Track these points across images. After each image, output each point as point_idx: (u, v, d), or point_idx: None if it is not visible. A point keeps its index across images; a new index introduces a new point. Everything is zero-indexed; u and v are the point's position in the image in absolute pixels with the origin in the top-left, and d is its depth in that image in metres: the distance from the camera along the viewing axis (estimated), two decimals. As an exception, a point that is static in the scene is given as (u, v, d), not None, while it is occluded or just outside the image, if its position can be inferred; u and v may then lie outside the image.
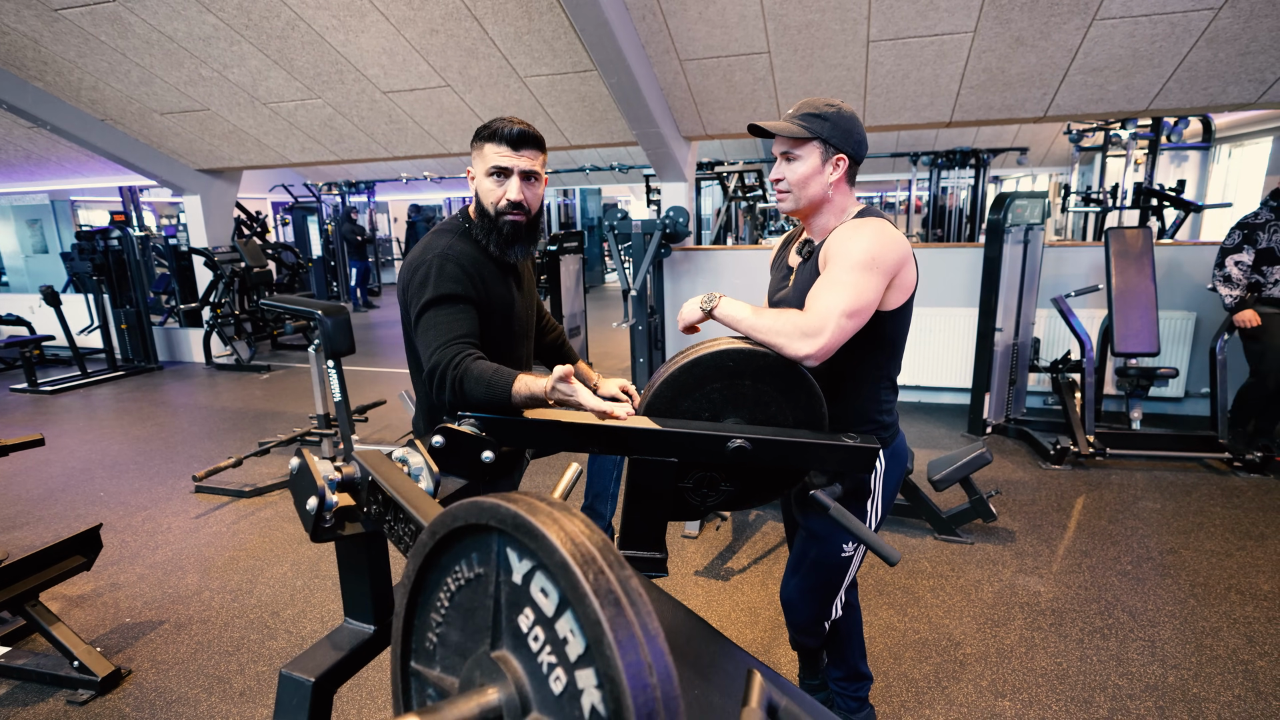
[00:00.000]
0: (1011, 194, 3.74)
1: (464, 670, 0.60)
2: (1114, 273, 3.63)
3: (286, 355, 7.14)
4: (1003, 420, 4.05)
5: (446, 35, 4.01)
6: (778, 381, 1.28)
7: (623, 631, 0.48)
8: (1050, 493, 3.25)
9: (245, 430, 4.54)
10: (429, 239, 1.50)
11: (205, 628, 2.35)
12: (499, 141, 1.43)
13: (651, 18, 3.64)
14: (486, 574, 0.59)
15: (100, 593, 2.60)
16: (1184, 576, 2.52)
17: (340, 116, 5.09)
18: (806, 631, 1.56)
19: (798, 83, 4.01)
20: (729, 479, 1.31)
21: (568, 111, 4.69)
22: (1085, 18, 3.28)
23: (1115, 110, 3.85)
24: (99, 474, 3.82)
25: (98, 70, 4.80)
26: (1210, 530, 2.85)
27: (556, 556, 0.51)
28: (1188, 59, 3.41)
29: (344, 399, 3.45)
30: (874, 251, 1.23)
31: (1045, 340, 4.36)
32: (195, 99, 5.06)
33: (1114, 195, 6.01)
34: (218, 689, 2.04)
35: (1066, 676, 2.01)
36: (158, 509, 3.32)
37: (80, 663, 2.03)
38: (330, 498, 0.88)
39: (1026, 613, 2.33)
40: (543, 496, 0.58)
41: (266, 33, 4.15)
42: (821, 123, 1.30)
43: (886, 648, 2.17)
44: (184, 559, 2.83)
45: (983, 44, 3.52)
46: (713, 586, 2.54)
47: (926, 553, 2.74)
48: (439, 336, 1.36)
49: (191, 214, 6.66)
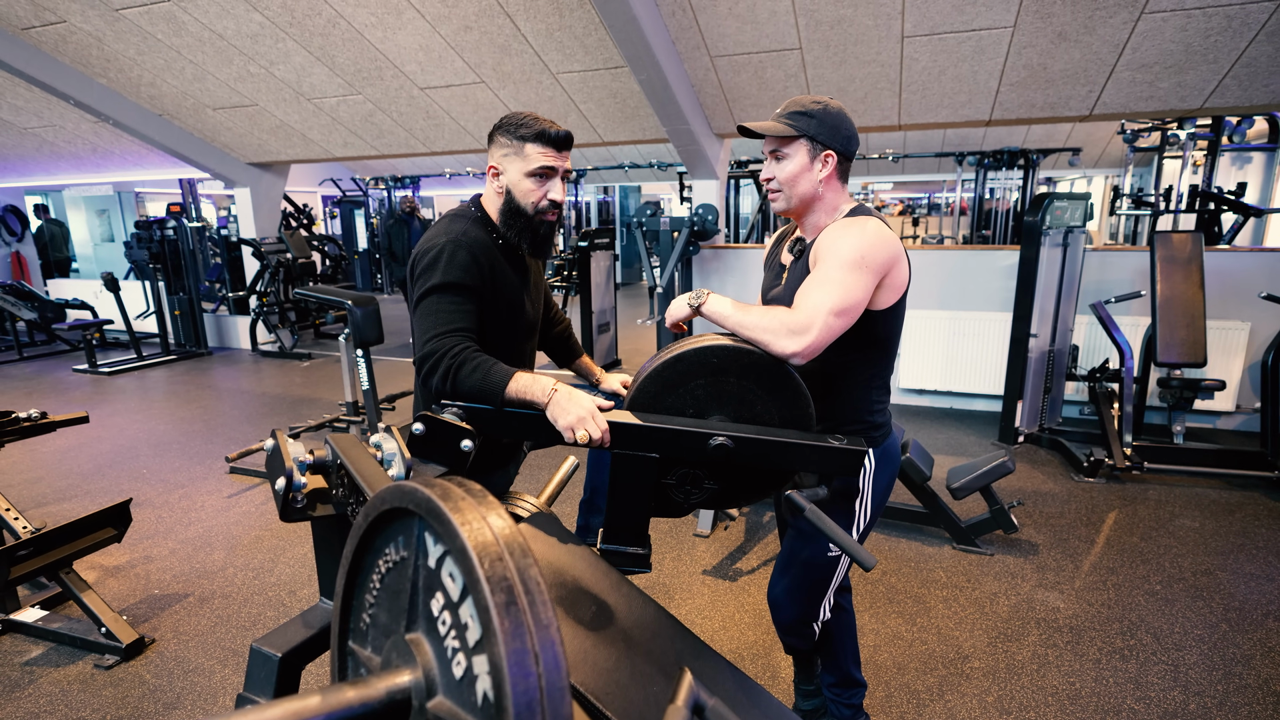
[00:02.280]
0: (1050, 195, 3.60)
1: (384, 651, 0.61)
2: (1159, 279, 3.47)
3: (328, 344, 7.36)
4: (1036, 429, 3.91)
5: (480, 32, 4.07)
6: (764, 379, 1.26)
7: (511, 620, 0.48)
8: (1080, 506, 3.12)
9: (282, 415, 4.70)
10: (444, 223, 1.50)
11: (226, 603, 2.45)
12: (545, 143, 1.44)
13: (681, 14, 3.62)
14: (409, 557, 0.60)
15: (134, 564, 2.73)
16: (1218, 600, 2.39)
17: (380, 112, 5.22)
18: (794, 633, 1.54)
19: (830, 79, 3.94)
20: (713, 477, 1.30)
21: (600, 108, 4.71)
22: (1133, 11, 3.13)
23: (1167, 109, 3.67)
24: (144, 452, 4.01)
25: (155, 67, 5.03)
26: (1251, 552, 2.70)
27: (457, 542, 0.52)
28: (1246, 54, 3.23)
29: (372, 387, 3.54)
30: (863, 250, 1.21)
31: (1084, 348, 4.19)
32: (244, 94, 5.26)
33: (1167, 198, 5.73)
34: (232, 661, 2.12)
35: (1079, 697, 1.94)
36: (194, 487, 3.47)
37: (108, 629, 2.13)
38: (299, 479, 0.90)
39: (1042, 629, 2.25)
40: (465, 483, 0.59)
41: (309, 30, 4.28)
42: (808, 120, 1.28)
43: (891, 657, 2.12)
44: (213, 536, 2.95)
45: (1023, 39, 3.40)
46: (720, 586, 2.53)
47: (943, 562, 2.67)
48: (439, 324, 1.37)
49: (241, 206, 6.92)
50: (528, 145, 1.45)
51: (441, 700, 0.54)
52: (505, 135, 1.47)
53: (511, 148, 1.47)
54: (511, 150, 1.47)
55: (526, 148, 1.45)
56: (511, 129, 1.47)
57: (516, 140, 1.46)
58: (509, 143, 1.47)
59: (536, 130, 1.44)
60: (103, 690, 2.00)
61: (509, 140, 1.47)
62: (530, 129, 1.45)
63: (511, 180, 1.49)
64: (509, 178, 1.49)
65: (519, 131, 1.46)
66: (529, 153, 1.45)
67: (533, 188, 1.47)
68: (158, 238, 6.77)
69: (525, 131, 1.45)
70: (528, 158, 1.45)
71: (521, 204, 1.49)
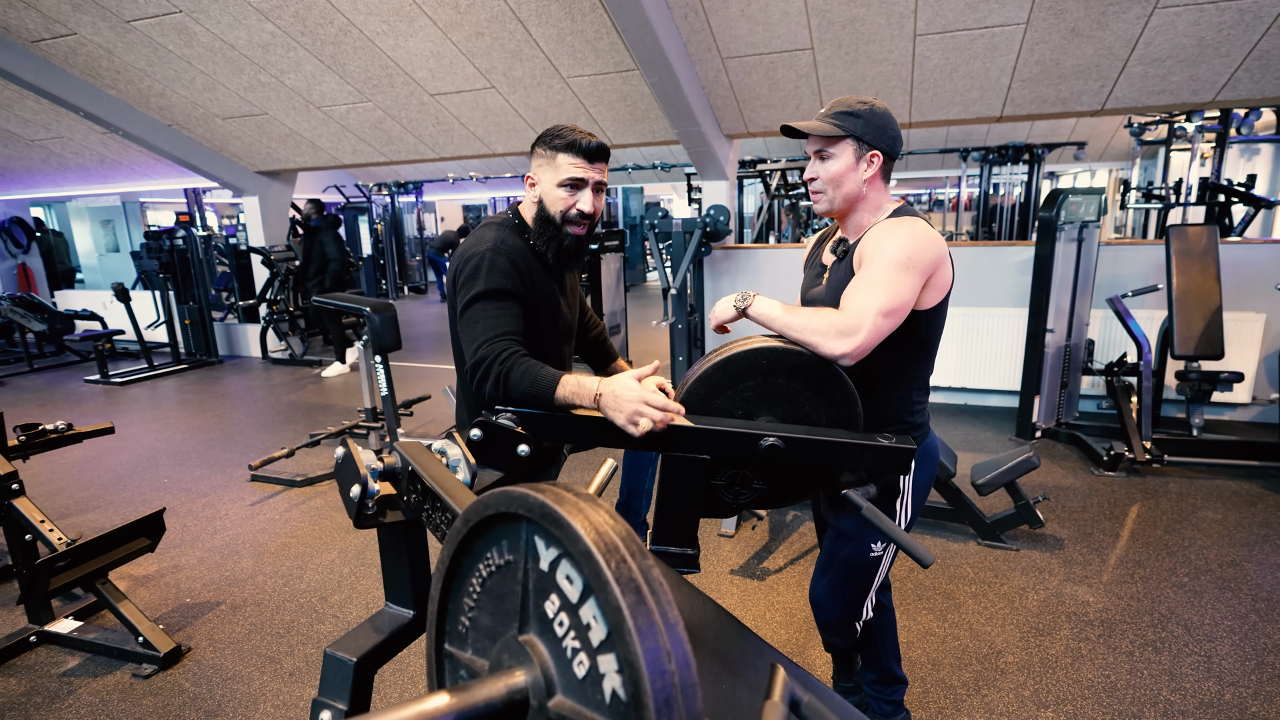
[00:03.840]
0: (1065, 190, 3.61)
1: (493, 653, 0.63)
2: (1175, 272, 3.47)
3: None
4: (1053, 424, 3.92)
5: (492, 38, 4.09)
6: (812, 380, 1.27)
7: (642, 619, 0.49)
8: (1102, 500, 3.13)
9: (298, 422, 4.72)
10: (480, 231, 1.53)
11: (259, 610, 2.46)
12: (576, 154, 1.46)
13: (693, 16, 3.64)
14: (516, 561, 0.61)
15: (163, 574, 2.74)
16: (1245, 590, 2.40)
17: (390, 119, 5.24)
18: (836, 632, 1.55)
19: (842, 79, 3.96)
20: (761, 477, 1.31)
21: (610, 111, 4.72)
22: (1146, 6, 3.14)
23: (1179, 102, 3.68)
24: (163, 462, 4.02)
25: (165, 78, 5.05)
26: (1276, 543, 2.71)
27: (580, 545, 0.53)
28: (1259, 47, 3.24)
29: (390, 393, 3.55)
30: (910, 251, 1.22)
31: (1100, 342, 4.20)
32: (254, 104, 5.28)
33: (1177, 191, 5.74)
34: (269, 668, 2.14)
35: (1114, 689, 1.94)
36: (216, 496, 3.49)
37: (145, 639, 2.15)
38: (372, 486, 0.92)
39: (1074, 622, 2.25)
40: (570, 487, 0.60)
41: (321, 39, 4.30)
42: (854, 120, 1.29)
43: (925, 653, 2.13)
44: (240, 544, 2.96)
45: (1035, 36, 3.41)
46: (748, 586, 2.54)
47: (969, 558, 2.68)
48: (486, 330, 1.39)
49: (250, 214, 6.94)
50: (559, 155, 1.48)
51: (562, 699, 0.55)
52: (542, 146, 1.51)
53: (545, 158, 1.50)
54: (545, 160, 1.50)
55: (558, 158, 1.48)
56: (547, 140, 1.50)
57: (550, 150, 1.49)
58: (544, 153, 1.50)
59: (569, 141, 1.47)
60: (143, 699, 2.02)
61: (544, 150, 1.50)
62: (563, 139, 1.48)
63: (544, 189, 1.52)
64: (542, 187, 1.52)
65: (553, 142, 1.49)
66: (560, 163, 1.48)
67: (563, 196, 1.49)
68: (167, 247, 6.81)
69: (558, 142, 1.48)
70: (559, 168, 1.48)
71: (551, 213, 1.51)
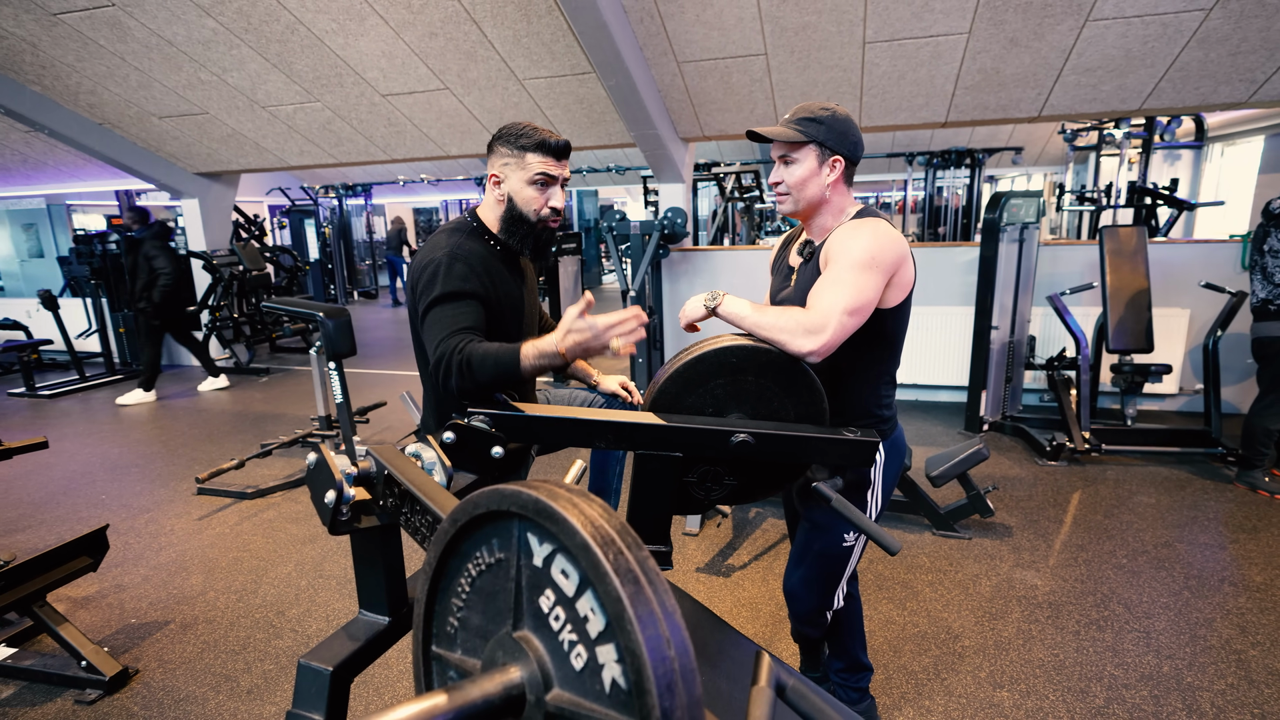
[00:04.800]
0: (1007, 193, 3.78)
1: (486, 651, 0.62)
2: (1108, 271, 3.67)
3: (285, 358, 7.15)
4: (999, 417, 4.09)
5: (446, 38, 4.03)
6: (780, 377, 1.30)
7: (643, 608, 0.50)
8: (1046, 488, 3.28)
9: (245, 433, 4.55)
10: (437, 238, 1.53)
11: (211, 627, 2.37)
12: (546, 153, 1.50)
13: (650, 20, 3.67)
14: (507, 558, 0.61)
15: (105, 594, 2.61)
16: (1178, 569, 2.55)
17: (339, 119, 5.11)
18: (809, 622, 1.59)
19: (795, 84, 4.05)
20: (732, 473, 1.34)
21: (566, 114, 4.71)
22: (1078, 19, 3.31)
23: (1109, 110, 3.89)
24: (100, 477, 3.83)
25: (96, 74, 4.81)
26: (1204, 524, 2.89)
27: (578, 539, 0.53)
28: (1180, 59, 3.46)
29: (345, 400, 3.46)
30: (873, 251, 1.26)
31: (1041, 338, 4.40)
32: (194, 103, 5.08)
33: (1108, 194, 6.07)
34: (225, 687, 2.06)
35: (1063, 667, 2.04)
36: (160, 511, 3.33)
37: (88, 662, 2.04)
38: (348, 491, 0.90)
39: (1024, 606, 2.36)
40: (560, 483, 0.61)
41: (266, 36, 4.17)
42: (817, 126, 1.33)
43: (886, 641, 2.20)
44: (188, 560, 2.84)
45: (977, 45, 3.56)
46: (714, 582, 2.57)
47: (925, 548, 2.77)
48: (442, 329, 1.39)
49: (190, 217, 6.66)
50: (529, 155, 1.50)
51: (560, 693, 0.56)
52: (506, 145, 1.51)
53: (513, 157, 1.51)
54: (513, 159, 1.51)
55: (528, 157, 1.50)
56: (512, 139, 1.51)
57: (517, 150, 1.50)
58: (510, 152, 1.51)
59: (537, 140, 1.49)
60: (88, 725, 1.92)
61: (510, 150, 1.51)
62: (531, 139, 1.50)
63: (513, 188, 1.53)
64: (510, 185, 1.53)
65: (520, 141, 1.50)
66: (530, 161, 1.50)
67: (535, 194, 1.52)
68: (99, 252, 6.48)
69: (526, 141, 1.50)
70: (529, 166, 1.50)
71: (524, 211, 1.53)
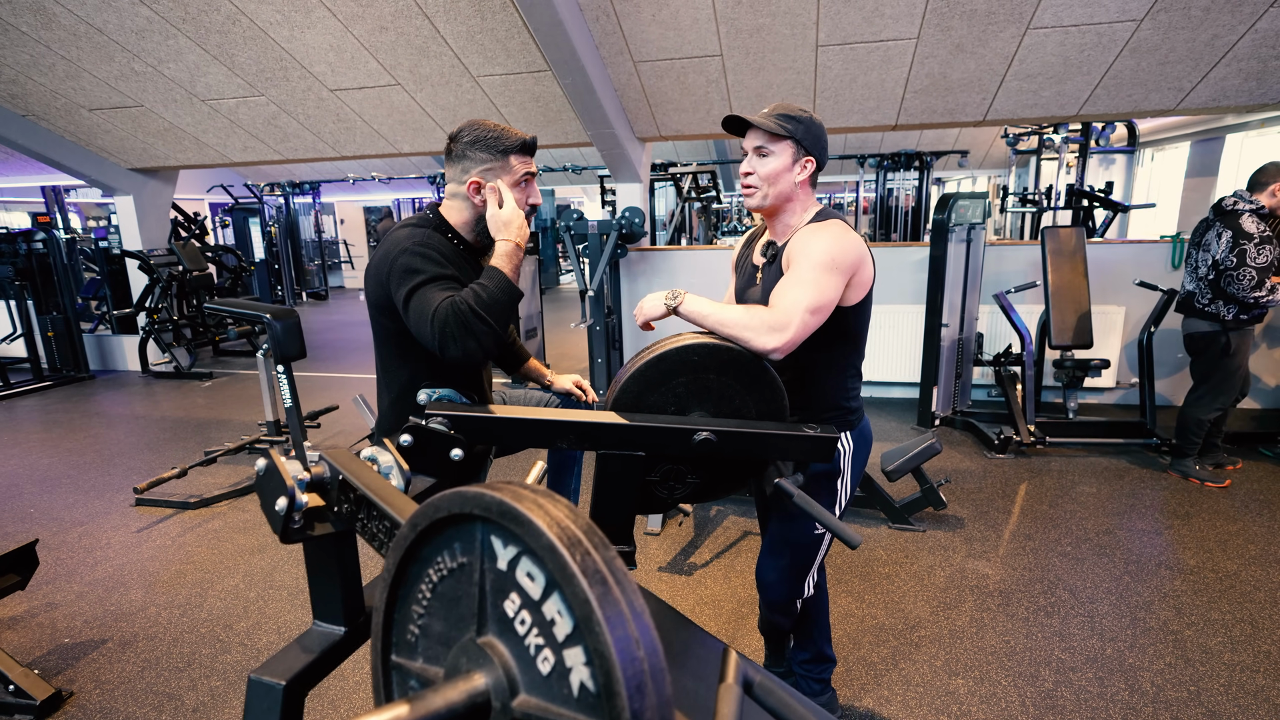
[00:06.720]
0: (955, 195, 3.89)
1: (449, 658, 0.60)
2: (1050, 270, 3.81)
3: (229, 361, 6.88)
4: (950, 412, 4.21)
5: (396, 33, 3.94)
6: (742, 375, 1.31)
7: (611, 609, 0.49)
8: (995, 480, 3.39)
9: (188, 440, 4.36)
10: (397, 233, 1.50)
11: (152, 644, 2.25)
12: (524, 153, 1.52)
13: (605, 19, 3.65)
14: (470, 563, 0.59)
15: (35, 613, 2.46)
16: (1119, 555, 2.67)
17: (285, 115, 4.94)
18: (781, 610, 1.62)
19: (750, 85, 4.09)
20: (695, 471, 1.33)
21: (522, 112, 4.66)
22: (1020, 27, 3.44)
23: (1048, 115, 4.04)
24: (27, 489, 3.61)
25: (18, 63, 4.55)
26: (1141, 511, 3.03)
27: (544, 540, 0.52)
28: (1113, 67, 3.62)
29: (295, 404, 3.34)
30: (834, 252, 1.29)
31: (988, 335, 4.55)
32: (127, 94, 4.84)
33: (1048, 196, 6.32)
34: (169, 706, 1.96)
35: (1014, 653, 2.11)
36: (95, 524, 3.16)
37: (16, 686, 1.92)
38: (300, 498, 0.87)
39: (976, 595, 2.43)
40: (524, 484, 0.59)
41: (205, 27, 4.00)
42: (796, 124, 1.36)
43: (846, 633, 2.23)
44: (126, 575, 2.70)
45: (925, 50, 3.66)
46: (676, 581, 2.57)
47: (881, 541, 2.83)
48: (433, 300, 1.36)
49: (124, 215, 6.35)
50: (513, 158, 1.51)
51: (526, 698, 0.54)
52: (485, 150, 1.49)
53: (496, 162, 1.51)
54: (497, 164, 1.52)
55: (512, 159, 1.51)
56: (492, 144, 1.49)
57: (500, 155, 1.51)
58: (491, 157, 1.50)
59: (520, 142, 1.50)
60: (16, 754, 1.80)
61: (491, 155, 1.50)
62: (512, 141, 1.50)
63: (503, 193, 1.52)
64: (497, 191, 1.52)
65: (500, 145, 1.51)
66: (514, 164, 1.51)
67: (519, 196, 1.53)
68: (23, 251, 6.11)
69: (507, 144, 1.50)
70: (513, 169, 1.51)
71: None
